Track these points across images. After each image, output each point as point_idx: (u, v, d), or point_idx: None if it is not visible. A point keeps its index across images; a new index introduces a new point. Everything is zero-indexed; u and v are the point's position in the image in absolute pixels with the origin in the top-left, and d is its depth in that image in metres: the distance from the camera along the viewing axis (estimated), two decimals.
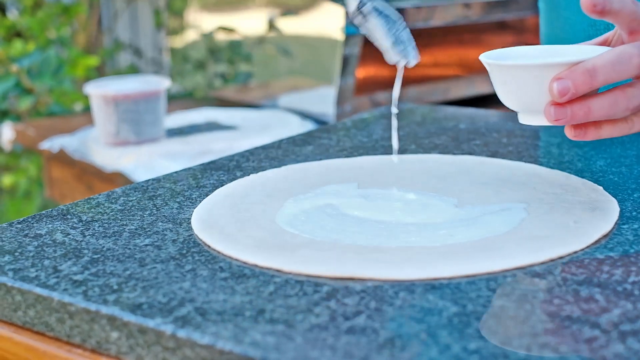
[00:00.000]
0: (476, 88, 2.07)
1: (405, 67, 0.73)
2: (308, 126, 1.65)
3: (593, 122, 0.66)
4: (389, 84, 1.80)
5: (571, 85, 0.62)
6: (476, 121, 1.07)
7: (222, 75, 2.60)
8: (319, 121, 1.72)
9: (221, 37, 2.61)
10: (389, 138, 0.99)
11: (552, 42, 1.07)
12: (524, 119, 0.69)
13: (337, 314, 0.52)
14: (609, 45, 0.72)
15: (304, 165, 0.86)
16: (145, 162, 1.39)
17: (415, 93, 1.92)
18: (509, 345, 0.48)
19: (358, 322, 0.51)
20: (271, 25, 2.59)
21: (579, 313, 0.51)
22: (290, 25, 2.38)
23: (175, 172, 0.86)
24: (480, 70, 2.03)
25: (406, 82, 1.84)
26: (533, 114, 0.67)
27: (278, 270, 0.60)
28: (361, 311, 0.53)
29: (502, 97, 0.69)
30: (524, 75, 0.65)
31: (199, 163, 1.37)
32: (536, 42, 2.25)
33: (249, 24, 2.62)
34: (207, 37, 2.63)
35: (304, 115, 1.75)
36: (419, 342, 0.48)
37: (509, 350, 0.47)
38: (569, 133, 0.67)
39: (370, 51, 1.71)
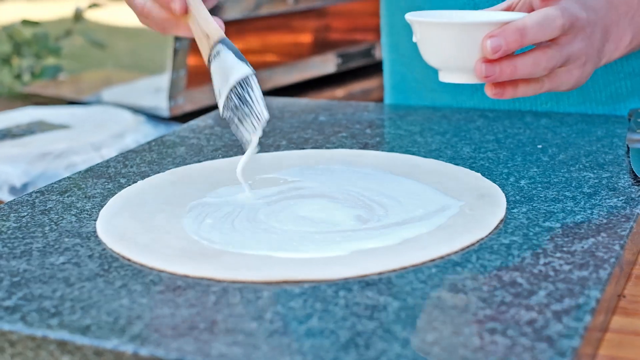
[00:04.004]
0: (292, 76, 2.10)
1: None
2: (142, 121, 1.64)
3: (511, 81, 0.72)
4: None
5: (503, 43, 0.69)
6: (333, 113, 1.10)
7: (30, 69, 2.51)
8: (152, 115, 1.70)
9: (24, 29, 2.51)
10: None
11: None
12: (447, 77, 0.74)
13: (289, 318, 0.55)
14: (512, 11, 0.79)
15: (188, 169, 0.87)
16: None
17: None
18: (461, 333, 0.52)
19: (313, 325, 0.54)
20: (78, 17, 2.53)
21: (510, 297, 0.56)
22: (100, 16, 2.32)
23: (56, 183, 0.84)
24: (296, 58, 2.07)
25: None
26: (458, 72, 0.73)
27: (211, 279, 0.61)
28: (311, 313, 0.55)
29: (427, 56, 0.73)
30: (456, 34, 0.70)
31: (39, 166, 1.33)
32: (339, 26, 2.32)
33: (54, 14, 2.53)
34: (10, 29, 2.52)
35: (134, 110, 1.73)
36: (378, 339, 0.51)
37: (463, 338, 0.51)
38: (490, 91, 0.73)
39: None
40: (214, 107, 1.71)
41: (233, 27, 1.88)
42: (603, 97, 1.05)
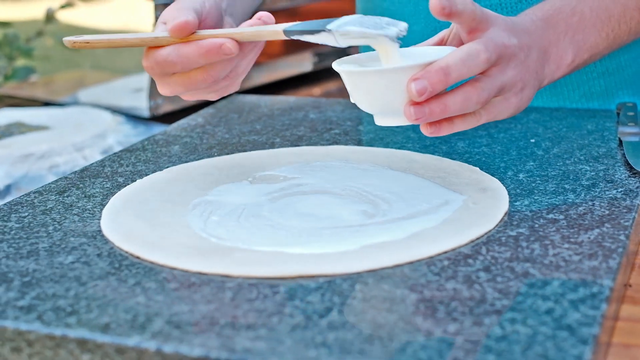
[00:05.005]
0: (269, 75, 2.09)
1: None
2: (121, 121, 1.63)
3: (446, 118, 0.70)
4: None
5: (428, 84, 0.66)
6: (323, 110, 1.11)
7: (2, 71, 2.48)
8: (131, 115, 1.69)
9: None
10: (249, 132, 1.01)
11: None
12: (382, 121, 0.72)
13: (309, 312, 0.55)
14: (444, 44, 0.77)
15: (186, 167, 0.87)
16: None
17: None
18: (482, 324, 0.52)
19: (334, 318, 0.54)
20: (49, 17, 2.50)
21: (525, 288, 0.57)
22: (72, 17, 2.30)
23: (53, 183, 0.84)
24: (273, 57, 2.07)
25: None
26: (391, 116, 0.70)
27: (225, 276, 0.61)
28: (330, 307, 0.55)
29: (358, 102, 0.71)
30: (381, 80, 0.68)
31: (21, 167, 1.32)
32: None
33: (25, 15, 2.51)
34: None
35: (112, 110, 1.71)
36: (401, 330, 0.52)
37: (485, 328, 0.52)
38: (425, 130, 0.70)
39: None
40: (195, 107, 1.70)
41: None
42: (576, 96, 1.06)
